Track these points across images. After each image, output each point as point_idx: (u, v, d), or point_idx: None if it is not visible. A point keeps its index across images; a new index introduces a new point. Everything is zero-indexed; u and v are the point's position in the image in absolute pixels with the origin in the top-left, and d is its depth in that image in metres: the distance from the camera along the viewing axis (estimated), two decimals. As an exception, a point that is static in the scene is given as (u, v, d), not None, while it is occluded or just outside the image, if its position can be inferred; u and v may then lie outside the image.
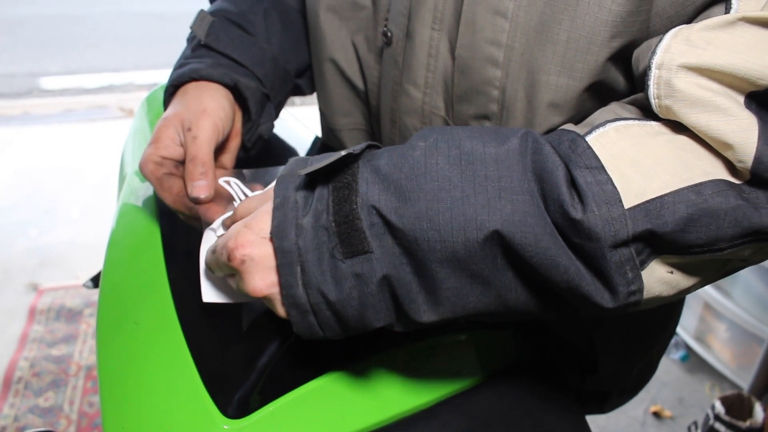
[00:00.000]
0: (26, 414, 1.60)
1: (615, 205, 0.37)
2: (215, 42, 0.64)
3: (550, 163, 0.39)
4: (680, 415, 1.70)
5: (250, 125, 0.65)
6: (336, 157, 0.41)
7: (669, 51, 0.39)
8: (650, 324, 0.71)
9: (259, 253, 0.42)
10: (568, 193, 0.38)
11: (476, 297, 0.41)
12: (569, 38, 0.48)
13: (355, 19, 0.65)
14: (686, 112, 0.38)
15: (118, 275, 0.60)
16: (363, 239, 0.40)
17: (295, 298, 0.42)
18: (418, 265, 0.40)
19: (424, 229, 0.39)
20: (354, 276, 0.40)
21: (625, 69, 0.50)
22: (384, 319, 0.43)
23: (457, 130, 0.42)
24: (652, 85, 0.40)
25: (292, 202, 0.42)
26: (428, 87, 0.58)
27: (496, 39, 0.51)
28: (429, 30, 0.56)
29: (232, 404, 0.47)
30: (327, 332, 0.43)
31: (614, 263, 0.38)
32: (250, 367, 0.48)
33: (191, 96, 0.59)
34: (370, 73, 0.65)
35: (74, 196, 2.58)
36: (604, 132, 0.41)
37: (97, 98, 3.64)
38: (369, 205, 0.40)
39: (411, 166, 0.40)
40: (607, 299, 0.39)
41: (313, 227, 0.41)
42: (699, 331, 1.82)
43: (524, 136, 0.41)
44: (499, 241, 0.38)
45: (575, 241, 0.38)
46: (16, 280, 2.08)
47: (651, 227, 0.37)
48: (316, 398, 0.49)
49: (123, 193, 0.71)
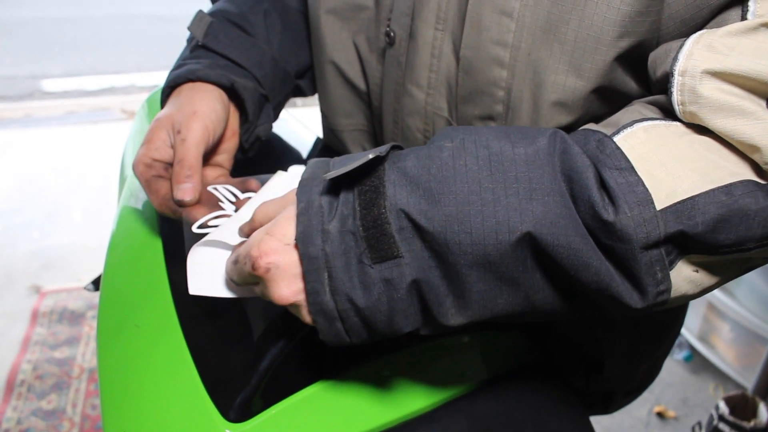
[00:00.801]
0: (29, 417, 1.60)
1: (647, 206, 0.37)
2: (213, 43, 0.64)
3: (579, 163, 0.39)
4: (684, 416, 1.69)
5: (248, 126, 0.65)
6: (363, 160, 0.40)
7: (692, 57, 0.39)
8: (657, 325, 0.70)
9: (284, 260, 0.41)
10: (598, 195, 0.38)
11: (504, 299, 0.41)
12: (577, 38, 0.48)
13: (356, 20, 0.65)
14: (712, 118, 0.39)
15: (118, 278, 0.59)
16: (392, 244, 0.39)
17: (323, 305, 0.41)
18: (447, 268, 0.39)
19: (455, 231, 0.38)
20: (383, 281, 0.40)
21: (633, 70, 0.50)
22: (412, 324, 0.42)
23: (483, 130, 0.42)
24: (675, 92, 0.40)
25: (317, 207, 0.41)
26: (431, 87, 0.58)
27: (502, 39, 0.51)
28: (432, 30, 0.56)
29: (234, 408, 0.47)
30: (354, 339, 0.43)
31: (645, 264, 0.38)
32: (252, 370, 0.48)
33: (184, 97, 0.59)
34: (372, 73, 0.65)
35: (76, 198, 2.58)
36: (632, 132, 0.41)
37: (99, 100, 3.64)
38: (398, 208, 0.39)
39: (439, 168, 0.40)
40: (636, 300, 0.39)
41: (340, 232, 0.40)
42: (703, 332, 1.82)
43: (552, 136, 0.40)
44: (531, 242, 0.38)
45: (605, 242, 0.38)
46: (18, 283, 2.08)
47: (682, 228, 0.37)
48: (318, 402, 0.49)
49: (123, 195, 0.71)
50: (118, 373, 0.51)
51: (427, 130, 0.60)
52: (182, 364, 0.49)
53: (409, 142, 0.63)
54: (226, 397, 0.47)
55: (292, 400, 0.48)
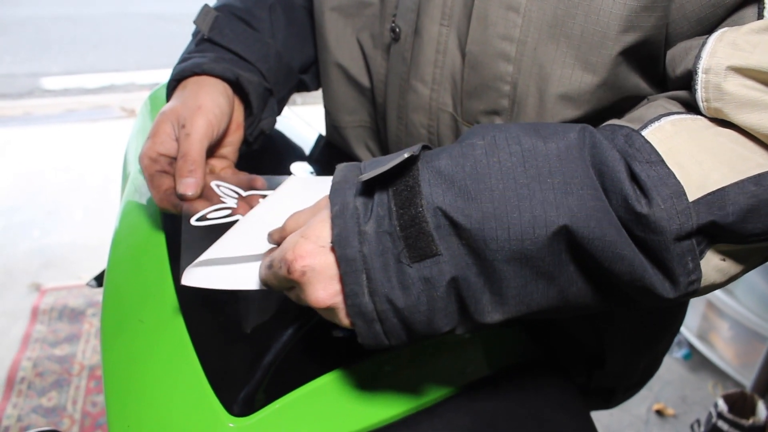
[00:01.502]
0: (29, 414, 1.60)
1: (680, 198, 0.38)
2: (219, 36, 0.65)
3: (610, 158, 0.39)
4: (683, 413, 1.70)
5: (252, 119, 0.66)
6: (398, 160, 0.40)
7: (715, 55, 0.40)
8: (658, 319, 0.71)
9: (320, 263, 0.41)
10: (631, 188, 0.38)
11: (540, 294, 0.41)
12: (583, 32, 0.48)
13: (360, 17, 0.65)
14: (737, 113, 0.40)
15: (122, 274, 0.60)
16: (431, 242, 0.39)
17: (361, 307, 0.41)
18: (485, 265, 0.39)
19: (493, 227, 0.38)
20: (422, 280, 0.40)
21: (638, 65, 0.51)
22: (451, 323, 0.42)
23: (512, 127, 0.42)
24: (700, 89, 0.41)
25: (352, 209, 0.41)
26: (436, 83, 0.58)
27: (509, 34, 0.51)
28: (437, 26, 0.56)
29: (238, 402, 0.47)
30: (392, 341, 0.42)
31: (677, 255, 0.39)
32: (255, 364, 0.48)
33: (189, 91, 0.60)
34: (376, 70, 0.65)
35: (76, 196, 2.58)
36: (659, 126, 0.41)
37: (99, 98, 3.63)
38: (435, 206, 0.39)
39: (473, 165, 0.40)
40: (668, 290, 0.40)
41: (377, 233, 0.40)
42: (702, 330, 1.82)
43: (582, 131, 0.41)
44: (567, 236, 0.39)
45: (638, 234, 0.39)
46: (18, 281, 2.08)
47: (714, 219, 0.38)
48: (321, 396, 0.49)
49: (126, 191, 0.71)
50: (122, 368, 0.52)
51: (432, 126, 0.61)
52: (186, 358, 0.49)
53: (414, 138, 0.63)
54: (229, 391, 0.47)
55: (296, 394, 0.48)
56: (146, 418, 0.48)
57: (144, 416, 0.48)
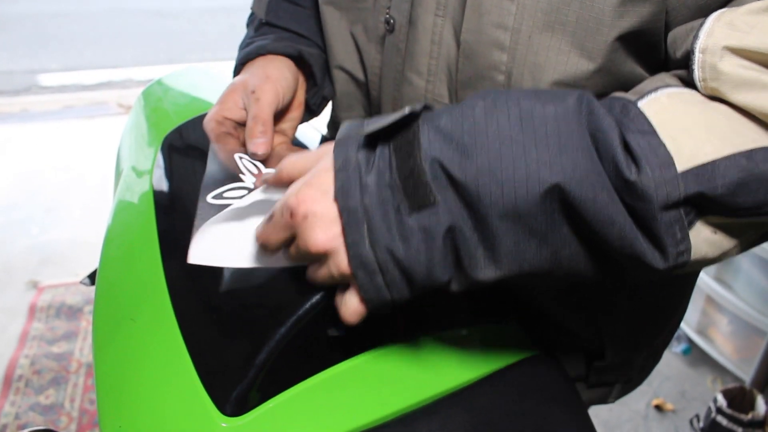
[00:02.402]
0: (27, 412, 1.60)
1: (668, 168, 0.38)
2: (275, 18, 0.70)
3: (605, 124, 0.40)
4: (682, 409, 1.70)
5: (316, 90, 0.70)
6: (399, 115, 0.42)
7: (712, 35, 0.40)
8: (656, 309, 0.70)
9: (321, 208, 0.43)
10: (622, 155, 0.39)
11: (533, 253, 0.42)
12: (578, 19, 0.48)
13: (353, 10, 0.65)
14: (733, 93, 0.40)
15: (114, 272, 0.59)
16: (429, 192, 0.40)
17: (362, 257, 0.42)
18: (479, 220, 0.41)
19: (487, 183, 0.39)
20: (421, 230, 0.41)
21: (636, 51, 0.50)
22: (448, 274, 0.43)
23: (513, 91, 0.43)
24: (696, 69, 0.41)
25: (354, 163, 0.42)
26: (431, 74, 0.58)
27: (503, 22, 0.51)
28: (432, 16, 0.56)
29: (230, 401, 0.46)
30: (394, 293, 0.43)
31: (664, 224, 0.39)
32: (248, 363, 0.48)
33: (257, 67, 0.65)
34: (370, 63, 0.65)
35: (74, 193, 2.58)
36: (656, 98, 0.42)
37: (96, 95, 3.63)
38: (431, 157, 0.41)
39: (471, 124, 0.41)
40: (657, 259, 0.40)
41: (377, 185, 0.42)
42: (701, 325, 1.82)
43: (580, 97, 0.41)
44: (559, 195, 0.39)
45: (627, 201, 0.39)
46: (16, 278, 2.08)
47: (702, 190, 0.38)
48: (316, 395, 0.49)
49: (119, 189, 0.70)
50: (114, 367, 0.51)
51: None
52: (178, 357, 0.49)
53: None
54: (222, 390, 0.47)
55: (290, 393, 0.48)
56: (138, 417, 0.47)
57: (136, 416, 0.47)
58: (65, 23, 4.85)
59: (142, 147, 0.73)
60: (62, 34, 4.62)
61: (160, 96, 0.81)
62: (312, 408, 0.48)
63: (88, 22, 4.90)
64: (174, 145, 0.70)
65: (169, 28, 4.89)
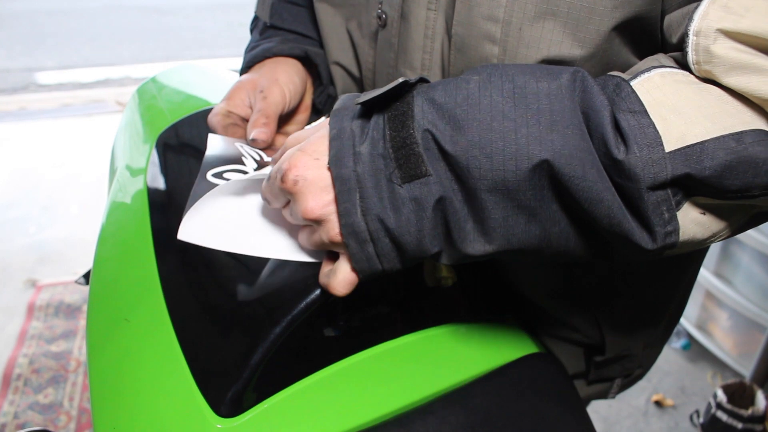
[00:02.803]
0: (26, 411, 1.59)
1: (656, 148, 0.38)
2: (280, 21, 0.70)
3: (598, 102, 0.40)
4: (682, 404, 1.69)
5: (322, 89, 0.70)
6: (392, 85, 0.42)
7: (706, 18, 0.40)
8: (654, 301, 0.70)
9: (313, 174, 0.44)
10: (612, 134, 0.39)
11: (521, 228, 0.42)
12: (570, 9, 0.48)
13: (347, 6, 0.65)
14: (725, 76, 0.40)
15: (108, 272, 0.59)
16: (421, 163, 0.41)
17: (354, 226, 0.42)
18: (468, 193, 0.41)
19: (476, 156, 0.40)
20: (412, 200, 0.41)
21: (631, 41, 0.50)
22: (438, 245, 0.44)
23: (509, 66, 0.43)
24: (690, 52, 0.41)
25: (349, 132, 0.43)
26: (425, 69, 0.57)
27: (493, 14, 0.50)
28: (425, 10, 0.55)
29: (225, 402, 0.46)
30: (385, 264, 0.44)
31: (651, 204, 0.39)
32: (243, 364, 0.47)
33: (266, 68, 0.66)
34: (364, 59, 0.65)
35: (72, 191, 2.57)
36: (648, 77, 0.42)
37: (94, 92, 3.62)
38: (424, 129, 0.41)
39: (465, 97, 0.41)
40: (646, 240, 0.40)
41: (370, 154, 0.42)
42: (700, 320, 1.82)
43: (574, 74, 0.41)
44: (548, 171, 0.39)
45: (616, 180, 0.39)
46: (14, 277, 2.07)
47: (689, 171, 0.38)
48: (311, 395, 0.48)
49: (113, 188, 0.70)
50: (108, 368, 0.51)
51: None
52: (173, 358, 0.48)
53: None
54: (217, 391, 0.46)
55: (285, 393, 0.48)
56: (132, 419, 0.47)
57: (130, 418, 0.47)
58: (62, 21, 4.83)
59: (137, 145, 0.72)
60: (59, 31, 4.60)
61: (155, 94, 0.80)
62: (307, 408, 0.48)
63: (86, 20, 4.89)
64: (169, 143, 0.69)
65: (167, 25, 4.88)
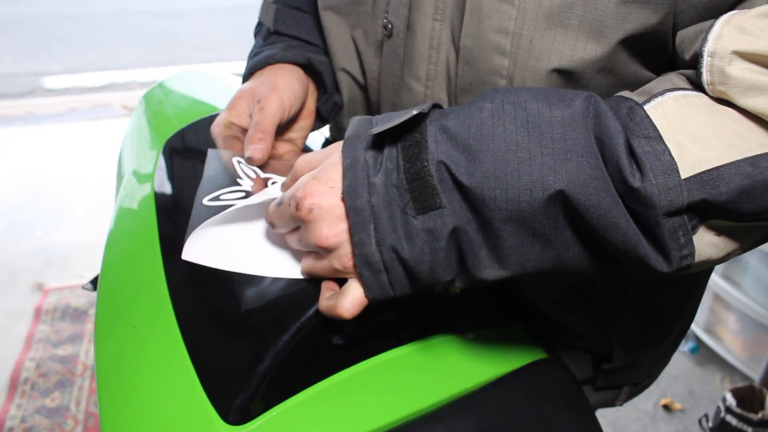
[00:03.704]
0: (33, 415, 1.60)
1: (672, 175, 0.38)
2: (283, 27, 0.70)
3: (612, 129, 0.40)
4: (691, 408, 1.68)
5: (327, 97, 0.70)
6: (406, 116, 0.42)
7: (721, 39, 0.40)
8: (663, 311, 0.69)
9: (328, 202, 0.44)
10: (627, 161, 0.39)
11: (536, 255, 0.42)
12: (581, 22, 0.47)
13: (353, 15, 0.64)
14: (740, 97, 0.39)
15: (115, 278, 0.59)
16: (435, 195, 0.41)
17: (368, 256, 0.43)
18: (483, 222, 0.41)
19: (491, 187, 0.40)
20: (426, 232, 0.42)
21: (639, 53, 0.50)
22: (451, 273, 0.44)
23: (522, 91, 0.43)
24: (705, 73, 0.41)
25: (362, 162, 0.43)
26: (430, 80, 0.57)
27: (503, 27, 0.50)
28: (431, 21, 0.55)
29: (233, 410, 0.46)
30: (397, 291, 0.44)
31: (668, 229, 0.39)
32: (252, 371, 0.47)
33: (266, 76, 0.65)
34: (369, 68, 0.65)
35: (78, 195, 2.58)
36: (662, 101, 0.41)
37: (100, 97, 3.63)
38: (439, 161, 0.41)
39: (479, 127, 0.41)
40: (661, 263, 0.40)
41: (385, 185, 0.42)
42: (709, 323, 1.81)
43: (587, 99, 0.41)
44: (563, 200, 0.40)
45: (631, 206, 0.39)
46: (21, 281, 2.08)
47: (706, 197, 0.38)
48: (319, 403, 0.48)
49: (120, 194, 0.70)
50: (116, 376, 0.51)
51: None
52: (180, 365, 0.48)
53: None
54: (225, 399, 0.46)
55: (294, 401, 0.47)
56: (140, 426, 0.47)
57: (138, 424, 0.47)
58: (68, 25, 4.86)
59: (144, 151, 0.72)
60: (65, 36, 4.63)
61: (162, 99, 0.80)
62: (315, 416, 0.48)
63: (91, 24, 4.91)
64: (175, 148, 0.69)
65: (172, 29, 4.90)
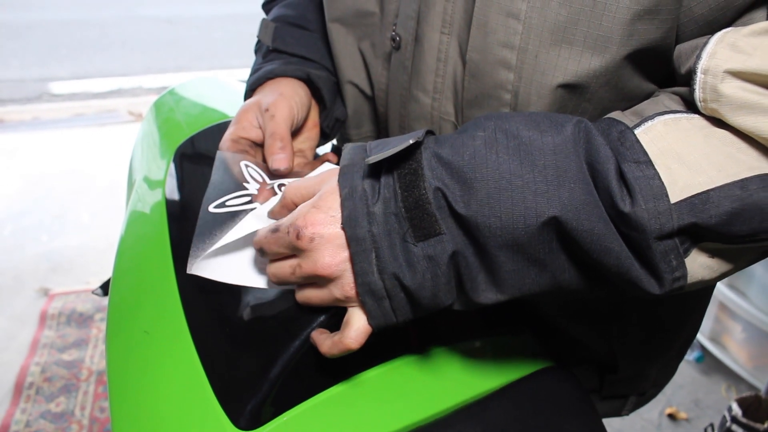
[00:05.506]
0: (38, 419, 1.60)
1: (662, 199, 0.39)
2: (282, 44, 0.70)
3: (602, 155, 0.40)
4: (696, 417, 1.68)
5: (327, 113, 0.70)
6: (402, 145, 0.43)
7: (714, 57, 0.40)
8: (668, 324, 0.70)
9: (329, 231, 0.44)
10: (618, 186, 0.39)
11: (532, 279, 0.43)
12: (586, 38, 0.47)
13: (361, 27, 0.65)
14: (732, 115, 0.40)
15: (127, 284, 0.59)
16: (434, 222, 0.42)
17: (371, 285, 0.43)
18: (479, 248, 0.42)
19: (486, 215, 0.41)
20: (426, 258, 0.42)
21: (643, 67, 0.50)
22: (451, 298, 0.44)
23: (513, 118, 0.43)
24: (697, 90, 0.41)
25: (360, 191, 0.44)
26: (437, 92, 0.57)
27: (509, 41, 0.50)
28: (438, 34, 0.55)
29: (245, 415, 0.46)
30: (399, 317, 0.45)
31: (659, 253, 0.40)
32: (263, 376, 0.47)
33: (269, 88, 0.65)
34: (377, 79, 0.65)
35: (84, 200, 2.59)
36: (652, 125, 0.42)
37: (107, 102, 3.65)
38: (435, 187, 0.42)
39: (472, 155, 0.42)
40: (653, 286, 0.41)
41: (384, 213, 0.43)
42: (714, 332, 1.80)
43: (577, 125, 0.42)
44: (556, 226, 0.40)
45: (623, 230, 0.40)
46: (26, 286, 2.08)
47: (695, 221, 0.39)
48: (329, 408, 0.48)
49: (132, 199, 0.70)
50: (128, 380, 0.51)
51: None
52: (192, 370, 0.49)
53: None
54: (236, 403, 0.46)
55: (304, 406, 0.48)
56: (152, 430, 0.47)
57: (149, 429, 0.47)
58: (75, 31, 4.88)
59: (155, 158, 0.73)
60: (72, 42, 4.65)
61: (172, 106, 0.81)
62: (326, 422, 0.48)
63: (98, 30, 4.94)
64: (186, 155, 0.70)
65: (179, 35, 4.92)
